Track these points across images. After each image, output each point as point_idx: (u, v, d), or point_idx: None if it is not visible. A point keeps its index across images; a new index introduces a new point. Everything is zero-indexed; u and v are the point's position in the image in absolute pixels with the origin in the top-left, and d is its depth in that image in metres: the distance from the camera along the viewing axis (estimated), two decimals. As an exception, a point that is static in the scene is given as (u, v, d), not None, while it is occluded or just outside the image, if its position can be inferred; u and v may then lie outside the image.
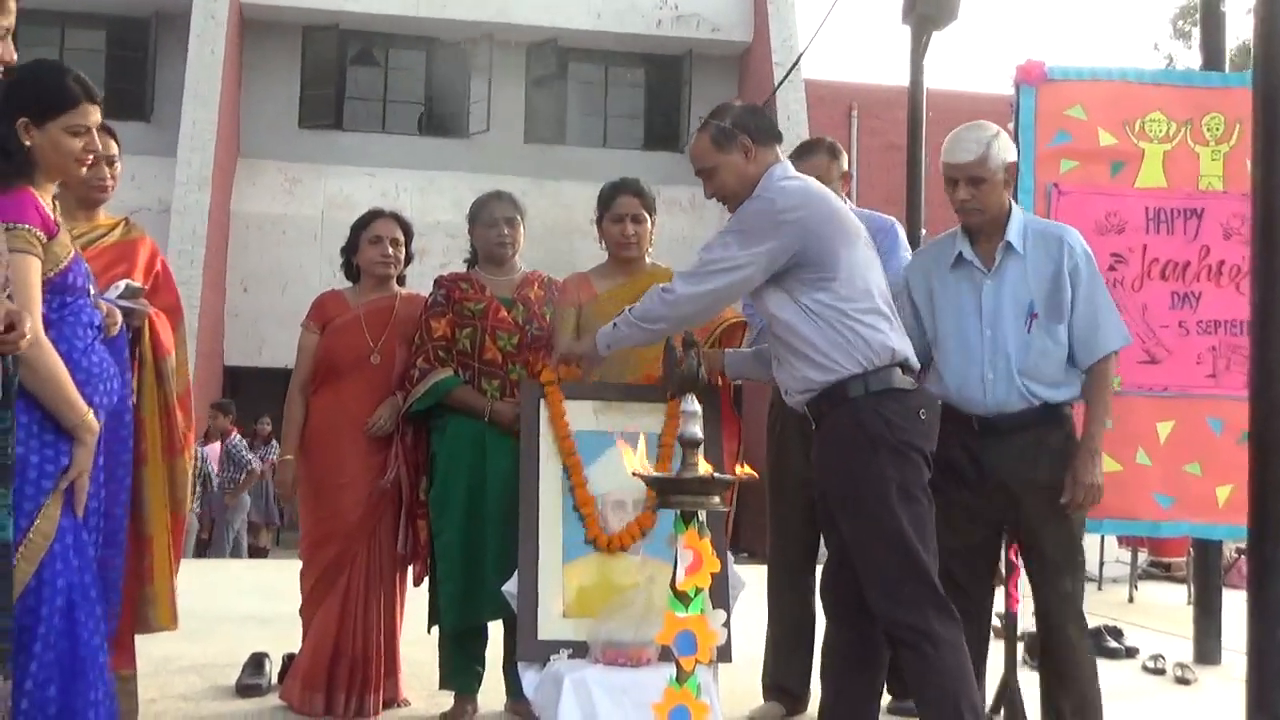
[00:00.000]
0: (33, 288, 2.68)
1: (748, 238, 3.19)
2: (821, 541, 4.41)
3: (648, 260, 4.19)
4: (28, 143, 2.81)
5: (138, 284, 3.60)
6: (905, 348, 3.24)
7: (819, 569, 4.29)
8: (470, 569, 4.05)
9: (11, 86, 2.74)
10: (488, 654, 4.34)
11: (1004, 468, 3.43)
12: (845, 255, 3.21)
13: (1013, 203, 3.52)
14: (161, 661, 4.78)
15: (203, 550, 11.69)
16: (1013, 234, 3.46)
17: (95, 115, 2.95)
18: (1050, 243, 3.46)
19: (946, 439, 3.30)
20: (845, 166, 4.45)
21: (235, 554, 11.82)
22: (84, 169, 3.00)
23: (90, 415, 2.78)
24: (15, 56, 2.61)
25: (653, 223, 4.17)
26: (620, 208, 4.10)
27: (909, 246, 4.51)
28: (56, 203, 2.95)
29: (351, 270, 4.59)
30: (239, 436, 12.06)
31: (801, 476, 4.26)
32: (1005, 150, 3.48)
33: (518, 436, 3.78)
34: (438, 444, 4.22)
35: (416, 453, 4.32)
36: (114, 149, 3.67)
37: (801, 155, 4.24)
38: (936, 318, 3.56)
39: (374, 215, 4.59)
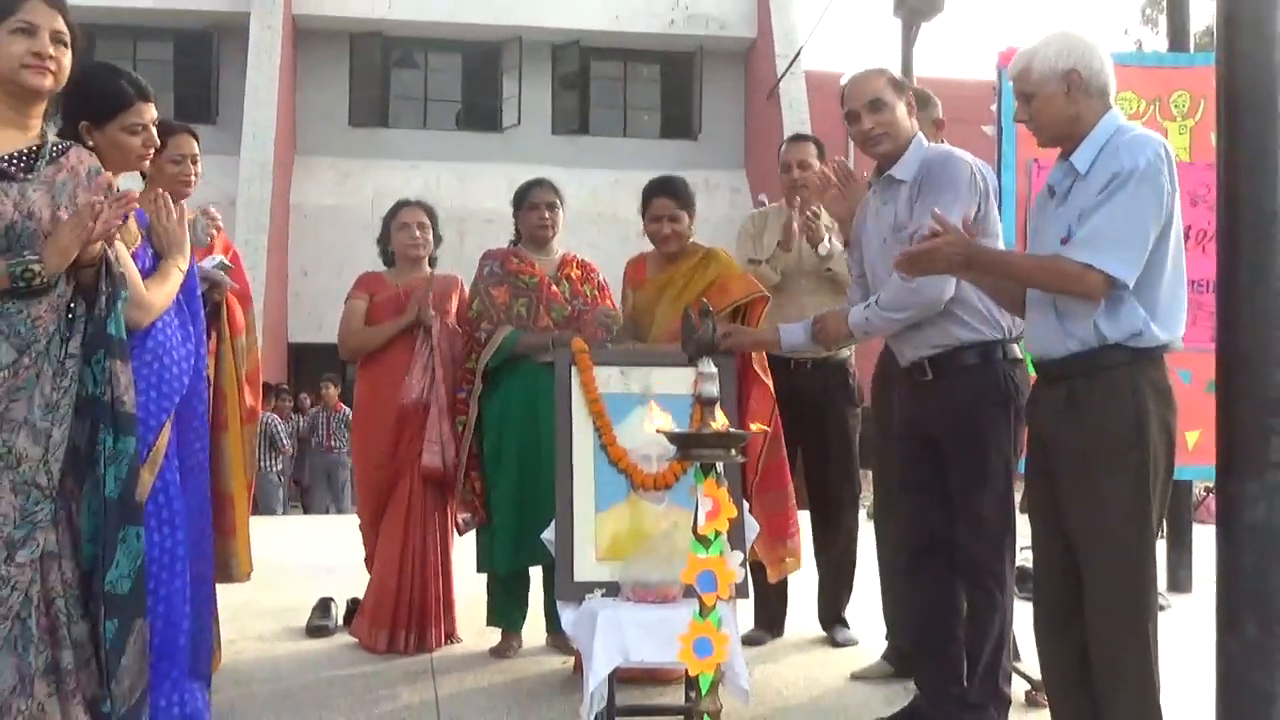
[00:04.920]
0: (128, 262, 2.76)
1: (959, 196, 3.05)
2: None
3: (692, 241, 4.10)
4: (90, 144, 2.78)
5: (229, 263, 3.66)
6: None
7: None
8: (523, 520, 4.05)
9: (70, 93, 2.70)
10: (530, 595, 4.38)
11: (1043, 422, 2.74)
12: (994, 219, 3.18)
13: (1104, 117, 2.66)
14: (239, 607, 4.83)
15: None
16: (1080, 153, 2.65)
17: (150, 112, 2.90)
18: (1107, 158, 2.60)
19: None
20: (938, 113, 4.00)
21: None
22: (146, 162, 2.98)
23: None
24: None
25: (691, 215, 4.06)
26: (656, 209, 4.06)
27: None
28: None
29: (388, 256, 4.64)
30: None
31: None
32: (1057, 56, 2.64)
33: None
34: (486, 408, 4.22)
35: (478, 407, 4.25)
36: (194, 148, 3.64)
37: None
38: None
39: (400, 205, 4.66)
